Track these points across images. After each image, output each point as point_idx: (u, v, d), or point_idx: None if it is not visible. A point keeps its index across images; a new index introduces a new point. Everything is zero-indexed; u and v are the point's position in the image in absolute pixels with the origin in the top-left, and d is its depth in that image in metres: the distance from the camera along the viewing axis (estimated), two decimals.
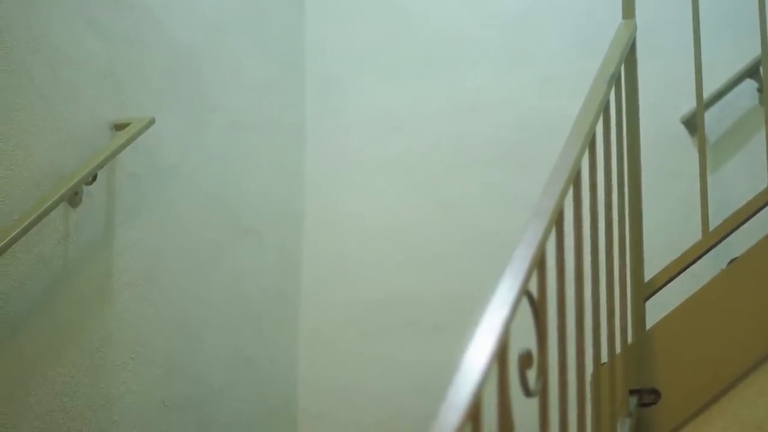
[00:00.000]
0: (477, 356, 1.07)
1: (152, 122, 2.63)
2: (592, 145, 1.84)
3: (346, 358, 3.39)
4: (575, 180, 1.67)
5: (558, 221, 1.52)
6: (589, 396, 1.80)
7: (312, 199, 3.55)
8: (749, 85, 3.02)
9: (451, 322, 3.16)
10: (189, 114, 2.96)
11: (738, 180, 2.96)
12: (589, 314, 1.77)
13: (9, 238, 2.09)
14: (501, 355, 1.13)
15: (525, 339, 1.28)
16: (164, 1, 2.87)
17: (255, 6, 3.37)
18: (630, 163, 2.19)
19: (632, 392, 2.03)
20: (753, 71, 2.97)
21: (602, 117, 1.94)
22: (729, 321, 2.02)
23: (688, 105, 2.93)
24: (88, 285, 2.48)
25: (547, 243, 1.42)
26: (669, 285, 2.16)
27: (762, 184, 2.17)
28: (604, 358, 1.92)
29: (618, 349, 1.98)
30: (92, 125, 2.53)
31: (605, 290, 1.94)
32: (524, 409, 1.30)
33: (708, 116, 2.86)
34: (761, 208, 2.13)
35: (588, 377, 1.77)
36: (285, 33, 3.58)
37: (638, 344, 2.08)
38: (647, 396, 2.04)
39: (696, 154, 2.25)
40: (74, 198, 2.40)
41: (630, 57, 2.21)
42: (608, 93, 1.96)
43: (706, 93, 2.57)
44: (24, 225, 2.14)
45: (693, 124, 3.01)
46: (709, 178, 2.30)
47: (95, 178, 2.46)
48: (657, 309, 2.13)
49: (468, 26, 3.48)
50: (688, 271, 2.16)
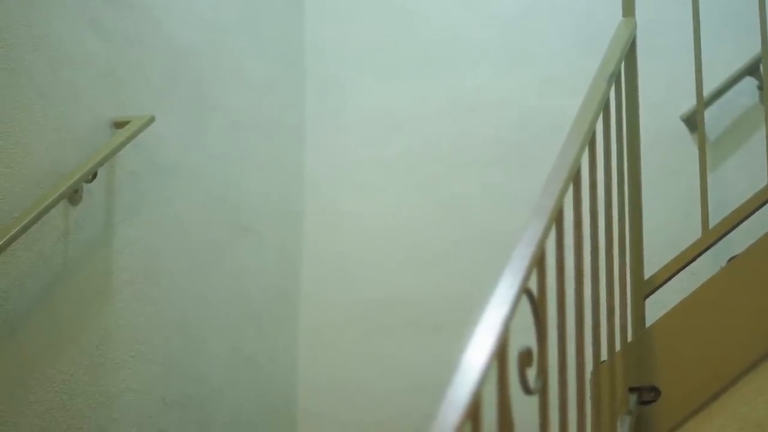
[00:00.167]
0: (476, 355, 1.07)
1: (152, 120, 2.63)
2: (592, 144, 1.84)
3: (346, 358, 3.39)
4: (575, 178, 1.67)
5: (558, 220, 1.52)
6: (589, 394, 1.80)
7: (312, 199, 3.55)
8: (749, 83, 3.03)
9: (451, 322, 3.16)
10: (189, 113, 2.96)
11: (738, 178, 2.96)
12: (589, 312, 1.77)
13: (9, 236, 2.09)
14: (501, 354, 1.13)
15: (525, 337, 1.28)
16: (164, 1, 2.87)
17: (254, 6, 3.37)
18: (630, 162, 2.19)
19: (632, 390, 2.03)
20: (753, 69, 2.98)
21: (602, 115, 1.94)
22: (729, 319, 2.02)
23: (688, 103, 2.93)
24: (88, 283, 2.48)
25: (547, 241, 1.42)
26: (669, 283, 2.16)
27: (762, 182, 2.17)
28: (604, 356, 1.92)
29: (618, 347, 1.98)
30: (92, 123, 2.52)
31: (605, 288, 1.94)
32: (524, 408, 1.30)
33: (708, 114, 2.86)
34: (761, 206, 2.13)
35: (588, 375, 1.77)
36: (284, 33, 3.58)
37: (638, 342, 2.08)
38: (647, 394, 2.04)
39: (696, 152, 2.25)
40: (74, 196, 2.40)
41: (630, 55, 2.21)
42: (608, 91, 1.96)
43: (706, 91, 2.57)
44: (24, 223, 2.14)
45: (693, 122, 3.01)
46: (709, 176, 2.30)
47: (95, 176, 2.46)
48: (657, 307, 2.13)
49: (468, 26, 3.48)
50: (688, 269, 2.16)
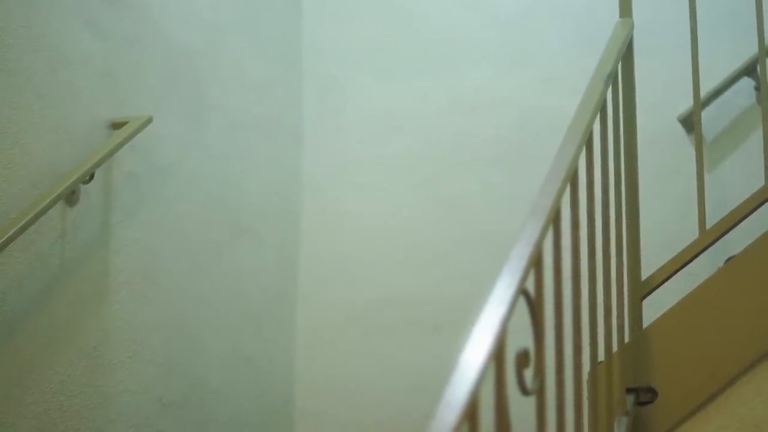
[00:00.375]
0: (474, 355, 1.07)
1: (150, 121, 2.63)
2: (590, 144, 1.84)
3: (345, 358, 3.39)
4: (572, 179, 1.67)
5: (555, 220, 1.52)
6: (587, 395, 1.80)
7: (311, 199, 3.55)
8: (746, 84, 3.03)
9: (451, 322, 3.15)
10: (187, 114, 2.96)
11: (735, 178, 2.96)
12: (586, 313, 1.77)
13: (6, 237, 2.09)
14: (498, 354, 1.13)
15: (522, 338, 1.28)
16: (162, 2, 2.87)
17: (252, 6, 3.37)
18: (627, 162, 2.19)
19: (629, 391, 2.03)
20: (750, 69, 2.98)
21: (599, 116, 1.94)
22: (726, 319, 2.02)
23: (686, 104, 2.93)
24: (86, 284, 2.48)
25: (545, 242, 1.42)
26: (666, 283, 2.16)
27: (759, 183, 2.17)
28: (601, 357, 1.92)
29: (615, 348, 1.99)
30: (90, 124, 2.52)
31: (602, 289, 1.94)
32: (521, 408, 1.30)
33: (705, 115, 2.86)
34: (758, 207, 2.13)
35: (585, 376, 1.77)
36: (283, 33, 3.58)
37: (635, 343, 2.08)
38: (644, 394, 2.04)
39: (693, 153, 2.25)
40: (72, 197, 2.40)
41: (627, 55, 2.21)
42: (605, 92, 1.96)
43: (704, 91, 2.58)
44: (21, 224, 2.14)
45: (690, 123, 3.01)
46: (707, 177, 2.30)
47: (93, 177, 2.46)
48: (654, 307, 2.13)
49: (468, 26, 3.48)
50: (685, 270, 2.16)
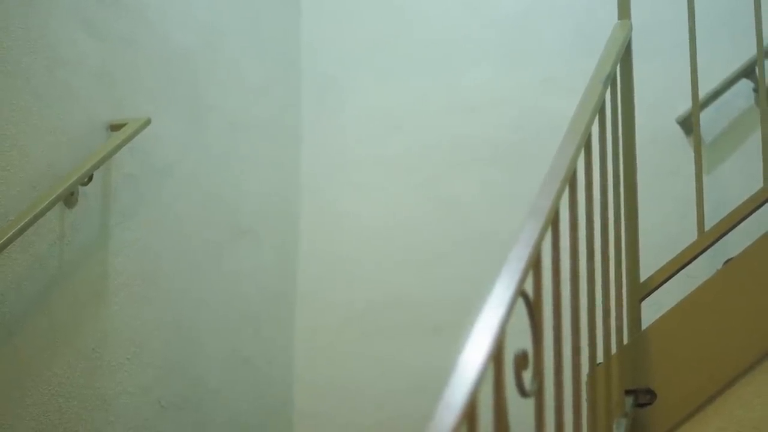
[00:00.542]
0: (473, 356, 1.07)
1: (148, 123, 2.63)
2: (588, 146, 1.84)
3: (344, 359, 3.39)
4: (571, 180, 1.67)
5: (554, 221, 1.52)
6: (585, 396, 1.80)
7: (309, 200, 3.54)
8: (745, 85, 3.03)
9: (450, 323, 3.15)
10: (186, 114, 2.96)
11: (734, 180, 2.96)
12: (585, 314, 1.77)
13: (5, 239, 2.09)
14: (497, 356, 1.13)
15: (521, 339, 1.28)
16: (159, 3, 2.87)
17: (251, 7, 3.37)
18: (626, 163, 2.19)
19: (628, 393, 2.03)
20: (749, 71, 2.98)
21: (598, 117, 1.94)
22: (725, 321, 2.02)
23: (685, 105, 2.93)
24: (84, 286, 2.47)
25: (543, 243, 1.42)
26: (665, 285, 2.16)
27: (758, 184, 2.17)
28: (600, 359, 1.92)
29: (614, 350, 1.99)
30: (88, 126, 2.52)
31: (601, 290, 1.94)
32: (520, 410, 1.30)
33: (704, 116, 2.87)
34: (757, 208, 2.13)
35: (584, 377, 1.77)
36: (281, 33, 3.58)
37: (634, 344, 2.08)
38: (643, 396, 2.04)
39: (692, 154, 2.25)
40: (70, 198, 2.40)
41: (626, 57, 2.21)
42: (604, 93, 1.96)
43: (702, 93, 2.58)
44: (20, 225, 2.14)
45: (689, 124, 3.01)
46: (705, 178, 2.30)
47: (91, 179, 2.46)
48: (653, 309, 2.13)
49: (467, 26, 3.48)
50: (684, 272, 2.16)
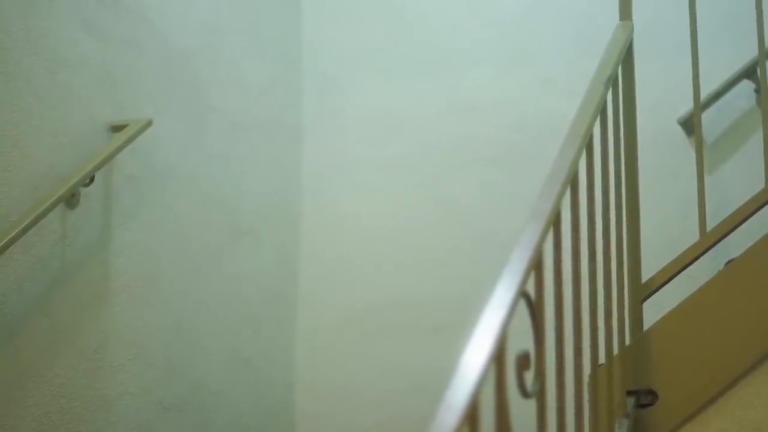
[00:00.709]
0: (475, 358, 1.07)
1: (149, 124, 2.63)
2: (590, 147, 1.84)
3: (345, 360, 3.38)
4: (573, 182, 1.67)
5: (555, 223, 1.52)
6: (587, 397, 1.80)
7: (310, 200, 3.54)
8: (747, 86, 3.03)
9: (451, 324, 3.14)
10: (187, 115, 2.96)
11: (735, 181, 2.96)
12: (587, 315, 1.77)
13: (6, 240, 2.09)
14: (498, 357, 1.13)
15: (522, 341, 1.28)
16: (160, 4, 2.87)
17: (251, 7, 3.37)
18: (627, 165, 2.19)
19: (630, 393, 2.03)
20: (750, 72, 2.98)
21: (599, 118, 1.94)
22: (726, 322, 2.02)
23: (686, 106, 2.93)
24: (86, 287, 2.47)
25: (545, 244, 1.42)
26: (666, 286, 2.16)
27: (759, 185, 2.17)
28: (602, 360, 1.92)
29: (615, 351, 1.98)
30: (90, 127, 2.52)
31: (603, 291, 1.94)
32: (522, 411, 1.30)
33: (705, 117, 2.86)
34: (758, 209, 2.13)
35: (585, 378, 1.77)
36: (282, 34, 3.58)
37: (636, 345, 2.08)
38: (645, 397, 2.04)
39: (693, 155, 2.25)
40: (71, 200, 2.40)
41: (627, 58, 2.21)
42: (605, 94, 1.96)
43: (704, 94, 2.57)
44: (21, 227, 2.14)
45: (690, 125, 3.01)
46: (707, 179, 2.30)
47: (93, 180, 2.46)
48: (654, 310, 2.13)
49: (467, 27, 3.48)
50: (686, 273, 2.16)
